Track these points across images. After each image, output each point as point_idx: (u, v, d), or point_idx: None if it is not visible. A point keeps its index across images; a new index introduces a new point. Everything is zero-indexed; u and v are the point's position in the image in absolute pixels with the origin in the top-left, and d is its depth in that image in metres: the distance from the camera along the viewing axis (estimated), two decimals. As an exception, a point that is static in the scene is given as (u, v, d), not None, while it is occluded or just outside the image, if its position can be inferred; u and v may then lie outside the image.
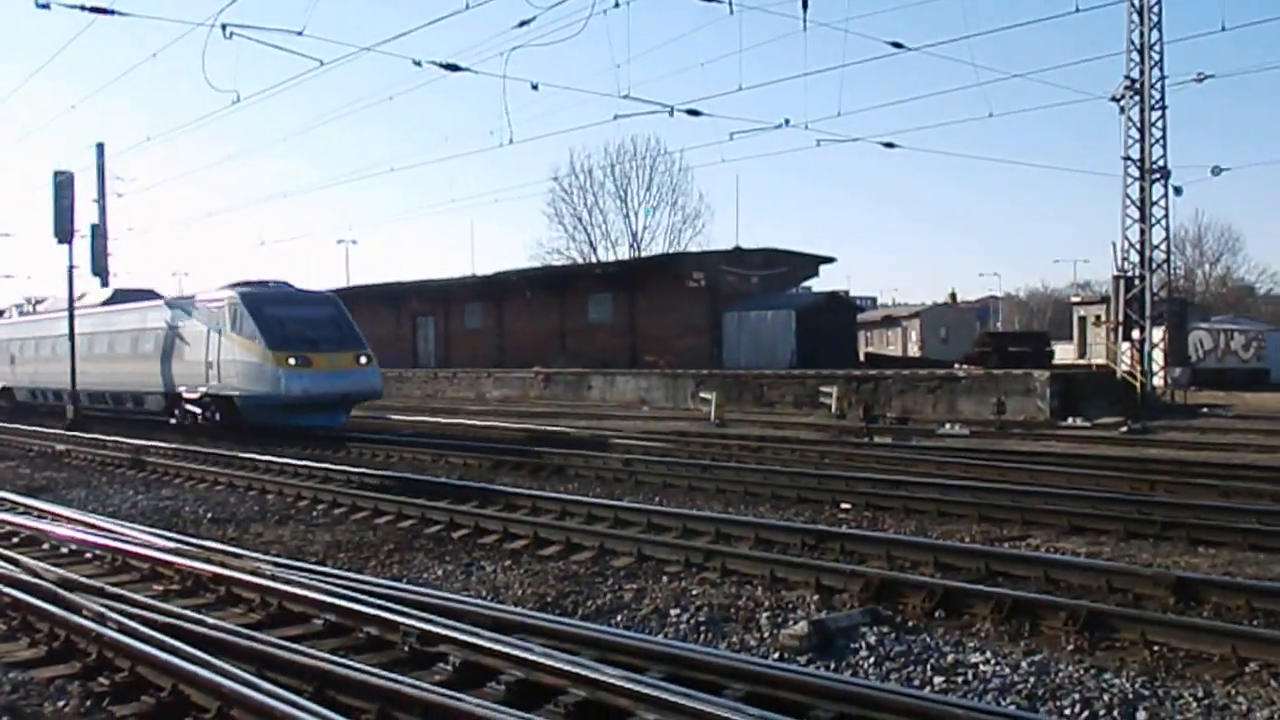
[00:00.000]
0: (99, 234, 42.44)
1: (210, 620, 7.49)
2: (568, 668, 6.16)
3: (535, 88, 23.16)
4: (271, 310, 25.59)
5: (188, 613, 7.74)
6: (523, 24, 19.13)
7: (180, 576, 9.32)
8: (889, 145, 29.55)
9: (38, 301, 39.60)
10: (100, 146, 44.76)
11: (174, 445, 22.44)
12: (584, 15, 19.37)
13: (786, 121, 27.35)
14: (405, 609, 7.53)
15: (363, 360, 25.70)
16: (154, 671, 6.37)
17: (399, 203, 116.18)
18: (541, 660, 6.31)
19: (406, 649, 7.01)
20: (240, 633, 7.11)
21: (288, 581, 8.56)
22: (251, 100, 39.73)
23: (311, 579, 8.75)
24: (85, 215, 37.21)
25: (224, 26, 18.06)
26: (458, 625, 7.09)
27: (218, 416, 26.26)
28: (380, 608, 7.59)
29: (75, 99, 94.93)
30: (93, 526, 11.96)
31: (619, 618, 8.38)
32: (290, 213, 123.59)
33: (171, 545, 10.54)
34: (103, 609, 7.60)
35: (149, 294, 33.83)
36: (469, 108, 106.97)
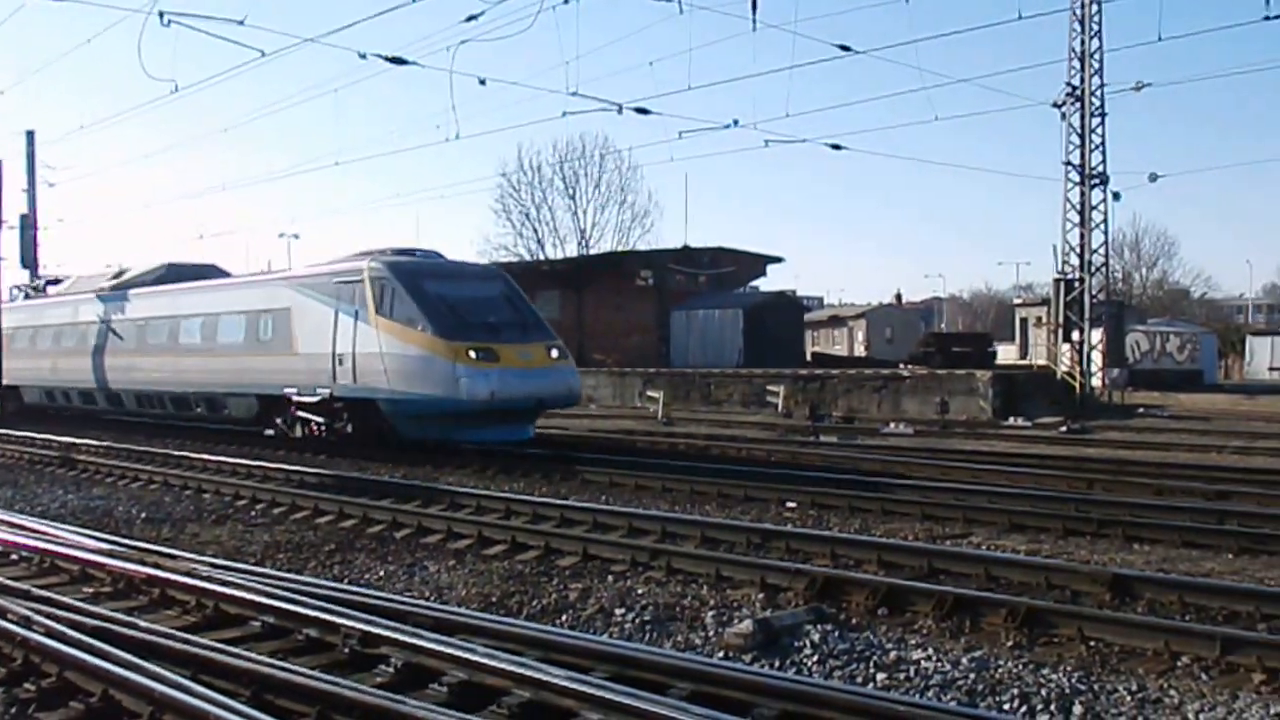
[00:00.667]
0: (28, 224, 41.49)
1: (143, 623, 7.32)
2: (511, 668, 6.09)
3: (483, 83, 22.97)
4: (434, 287, 19.51)
5: (119, 615, 7.56)
6: (471, 18, 19.01)
7: (112, 578, 9.10)
8: (836, 147, 29.80)
9: (49, 282, 34.29)
10: (30, 134, 43.70)
11: (106, 443, 21.98)
12: (533, 11, 19.22)
13: (735, 122, 27.46)
14: (346, 610, 7.41)
15: (554, 354, 19.65)
16: (83, 676, 6.20)
17: (343, 197, 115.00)
18: (485, 661, 6.24)
19: (347, 651, 6.89)
20: (174, 635, 6.95)
21: (224, 583, 8.40)
22: (190, 90, 39.13)
23: (249, 580, 8.59)
24: (14, 205, 36.26)
25: (161, 14, 17.68)
26: (400, 626, 6.99)
27: (350, 427, 20.44)
28: (320, 609, 7.45)
29: (4, 84, 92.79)
30: (19, 527, 11.62)
31: (564, 617, 8.33)
32: (230, 205, 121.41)
33: (103, 546, 10.31)
34: (29, 612, 7.39)
35: (212, 269, 28.18)
36: (415, 102, 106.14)
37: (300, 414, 21.22)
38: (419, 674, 6.39)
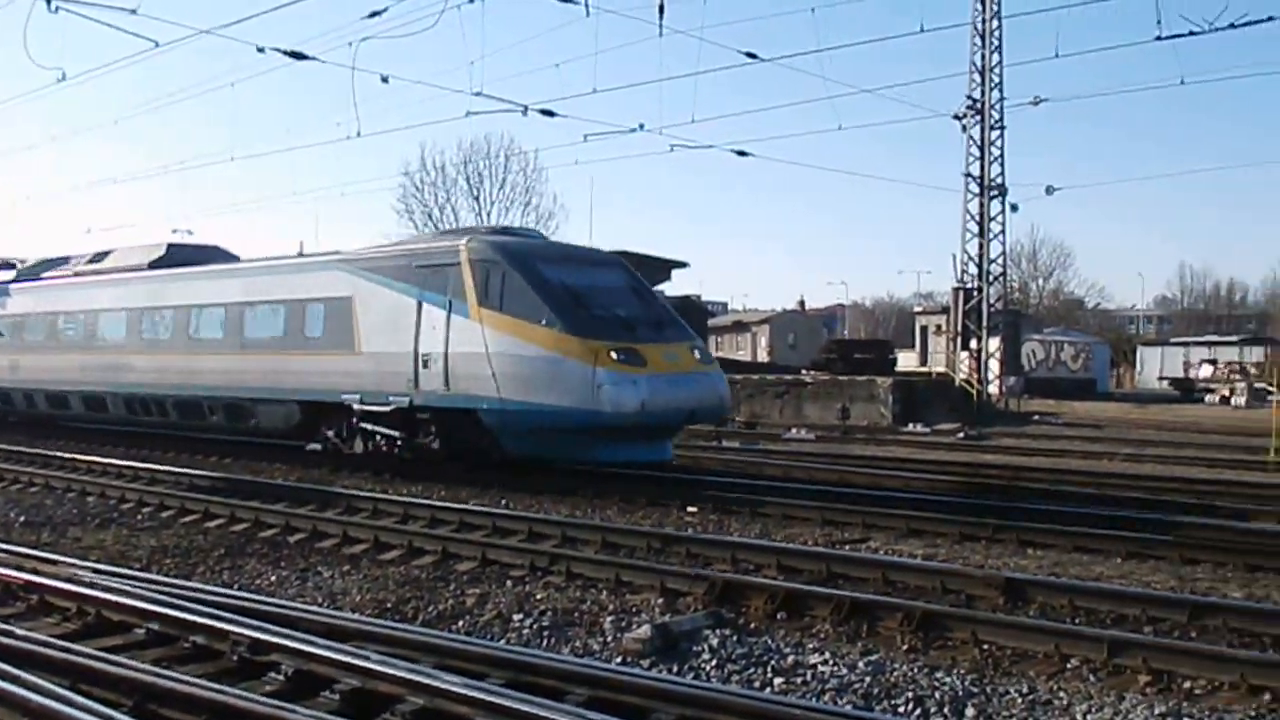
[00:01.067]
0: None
1: (19, 631, 7.03)
2: (405, 675, 6.00)
3: (385, 80, 22.44)
4: (556, 274, 16.07)
5: (-7, 623, 7.27)
6: (373, 15, 18.61)
7: (-12, 584, 8.76)
8: (741, 153, 29.95)
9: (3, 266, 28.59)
10: (-89, 124, 41.94)
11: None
12: (436, 9, 18.92)
13: (641, 126, 27.33)
14: (235, 617, 7.23)
15: (697, 354, 16.38)
16: (-48, 687, 5.94)
17: (239, 192, 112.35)
18: (378, 668, 6.13)
19: (235, 659, 6.71)
20: (53, 644, 6.69)
21: (107, 589, 8.13)
22: (79, 79, 37.66)
23: (134, 586, 8.34)
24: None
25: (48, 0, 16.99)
26: (291, 633, 6.84)
27: (437, 443, 16.85)
28: (208, 615, 7.26)
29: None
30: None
31: (460, 623, 8.23)
32: (121, 199, 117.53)
33: (-21, 551, 9.92)
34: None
35: (217, 252, 23.93)
36: (315, 98, 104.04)
37: (364, 426, 17.50)
38: (310, 682, 6.25)
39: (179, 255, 22.99)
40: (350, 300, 17.61)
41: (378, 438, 17.38)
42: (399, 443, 17.11)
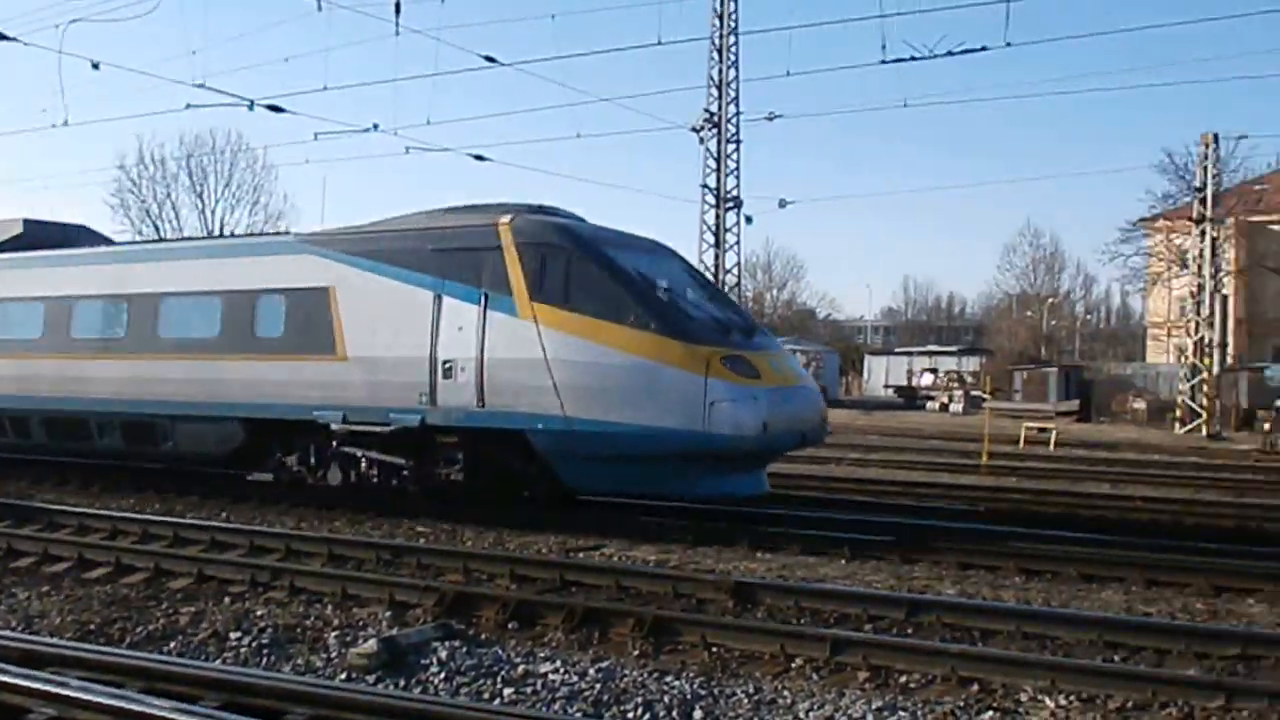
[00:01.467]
0: None
1: None
2: (109, 702, 5.65)
3: (96, 67, 20.99)
4: (626, 261, 12.99)
5: None
6: (86, -5, 17.33)
7: None
8: (480, 158, 29.78)
9: None
10: None
11: None
12: (158, -7, 17.81)
13: (375, 126, 26.70)
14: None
15: (793, 364, 14.21)
16: None
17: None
18: (78, 695, 5.75)
19: (-91, 693, 6.07)
20: None
21: None
22: None
23: None
24: None
25: None
26: (-23, 661, 6.27)
27: (461, 474, 13.39)
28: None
29: None
30: None
31: (173, 644, 7.74)
32: None
33: None
34: None
35: (85, 232, 19.60)
36: (16, 82, 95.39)
37: (347, 450, 13.87)
38: (2, 713, 5.77)
39: (41, 234, 18.40)
40: (328, 291, 13.93)
41: (364, 465, 13.85)
42: (404, 472, 13.66)
